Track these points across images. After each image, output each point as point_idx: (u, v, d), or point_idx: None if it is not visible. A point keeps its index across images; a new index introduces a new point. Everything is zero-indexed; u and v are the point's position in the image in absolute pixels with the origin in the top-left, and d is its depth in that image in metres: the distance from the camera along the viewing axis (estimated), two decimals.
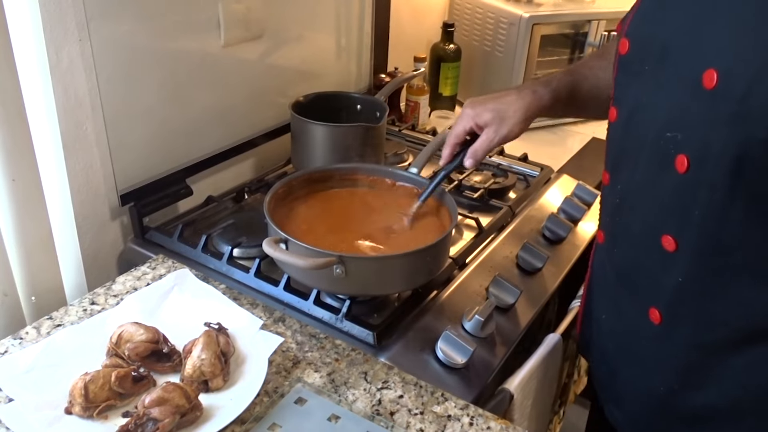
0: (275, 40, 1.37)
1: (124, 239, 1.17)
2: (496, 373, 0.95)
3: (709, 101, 0.68)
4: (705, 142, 0.69)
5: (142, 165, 1.16)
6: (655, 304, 0.80)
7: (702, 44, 0.69)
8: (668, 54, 0.73)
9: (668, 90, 0.73)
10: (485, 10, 1.82)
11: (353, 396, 0.83)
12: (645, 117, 0.77)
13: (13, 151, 0.95)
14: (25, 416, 0.74)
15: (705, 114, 0.69)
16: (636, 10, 0.82)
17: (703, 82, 0.67)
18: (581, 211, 1.31)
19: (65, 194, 1.05)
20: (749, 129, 0.65)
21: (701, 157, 0.69)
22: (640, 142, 0.76)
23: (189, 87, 1.21)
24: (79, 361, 0.82)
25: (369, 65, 1.70)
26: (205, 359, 0.80)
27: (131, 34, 1.08)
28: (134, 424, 0.73)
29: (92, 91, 1.03)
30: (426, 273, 0.98)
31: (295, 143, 1.32)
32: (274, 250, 0.87)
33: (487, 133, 0.98)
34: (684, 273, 0.75)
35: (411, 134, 1.60)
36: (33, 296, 1.04)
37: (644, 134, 0.76)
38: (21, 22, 0.93)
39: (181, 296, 0.95)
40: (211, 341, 0.82)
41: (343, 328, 0.95)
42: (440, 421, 0.81)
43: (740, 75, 0.65)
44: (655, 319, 0.80)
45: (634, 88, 0.80)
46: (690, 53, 0.70)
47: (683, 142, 0.71)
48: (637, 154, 0.78)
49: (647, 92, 0.77)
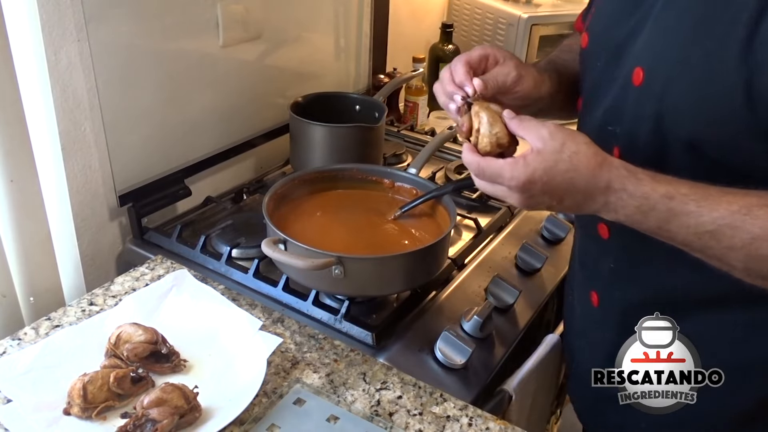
0: (274, 40, 1.37)
1: (123, 240, 1.17)
2: (494, 373, 0.95)
3: (637, 98, 0.72)
4: (632, 137, 0.73)
5: (140, 165, 1.16)
6: (594, 287, 0.86)
7: (636, 44, 0.73)
8: (619, 52, 0.76)
9: (611, 86, 0.77)
10: (484, 11, 1.82)
11: (352, 397, 0.83)
12: (594, 110, 0.80)
13: (12, 152, 0.95)
14: (23, 417, 0.74)
15: (633, 110, 0.73)
16: (596, 7, 0.85)
17: (632, 80, 0.72)
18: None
19: (64, 195, 1.05)
20: (669, 127, 0.69)
21: (630, 150, 0.73)
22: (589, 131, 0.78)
23: (188, 87, 1.21)
24: (78, 361, 0.82)
25: (368, 66, 1.70)
26: (498, 132, 0.73)
27: (130, 34, 1.08)
28: (133, 424, 0.73)
29: (91, 91, 1.03)
30: (425, 273, 0.98)
31: (294, 144, 1.32)
32: (273, 250, 0.88)
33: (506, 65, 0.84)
34: (615, 259, 0.81)
35: (410, 135, 1.60)
36: (31, 297, 1.03)
37: (591, 126, 0.80)
38: (19, 22, 0.93)
39: (180, 297, 0.95)
40: (493, 113, 0.74)
41: (341, 328, 0.95)
42: (439, 421, 0.81)
43: (660, 73, 0.70)
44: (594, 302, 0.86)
45: (588, 82, 0.84)
46: (628, 53, 0.74)
47: (620, 136, 0.75)
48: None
49: (596, 86, 0.81)
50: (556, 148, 0.68)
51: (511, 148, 0.74)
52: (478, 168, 0.71)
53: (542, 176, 0.68)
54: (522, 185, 0.68)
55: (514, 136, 0.73)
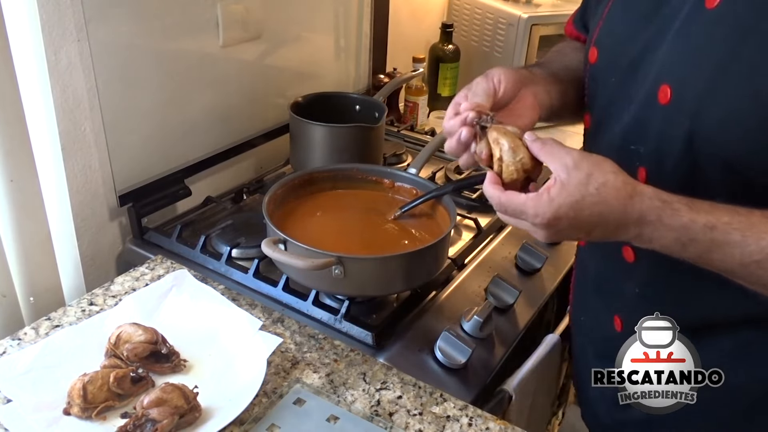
0: (274, 40, 1.37)
1: (123, 240, 1.17)
2: (495, 373, 0.95)
3: (665, 116, 0.68)
4: (660, 156, 0.70)
5: (140, 165, 1.16)
6: (618, 312, 0.82)
7: (659, 60, 0.70)
8: (635, 68, 0.73)
9: (631, 103, 0.73)
10: (484, 11, 1.82)
11: (352, 397, 0.83)
12: (611, 128, 0.77)
13: (12, 152, 0.95)
14: (23, 417, 0.74)
15: (660, 129, 0.69)
16: (604, 19, 0.80)
17: (658, 98, 0.68)
18: None
19: (64, 195, 1.05)
20: (703, 147, 0.65)
21: (657, 171, 0.70)
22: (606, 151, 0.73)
23: (187, 87, 1.21)
24: (78, 361, 0.82)
25: (368, 66, 1.70)
26: (522, 157, 0.69)
27: (130, 34, 1.08)
28: (133, 424, 0.73)
29: (91, 91, 1.03)
30: (425, 273, 0.98)
31: (294, 144, 1.32)
32: (273, 250, 0.87)
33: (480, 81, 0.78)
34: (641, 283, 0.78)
35: (410, 135, 1.60)
36: (31, 297, 1.03)
37: (609, 145, 0.76)
38: (19, 22, 0.93)
39: (180, 297, 0.95)
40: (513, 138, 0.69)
41: (341, 328, 0.95)
42: (439, 421, 0.81)
43: (691, 91, 0.66)
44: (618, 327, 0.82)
45: (602, 98, 0.79)
46: (650, 69, 0.71)
47: (645, 156, 0.71)
48: None
49: (614, 103, 0.76)
50: (582, 180, 0.63)
51: (537, 169, 0.70)
52: (499, 204, 0.68)
53: (568, 212, 0.63)
54: (548, 222, 0.64)
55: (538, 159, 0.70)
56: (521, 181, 0.69)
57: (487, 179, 0.69)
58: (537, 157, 0.68)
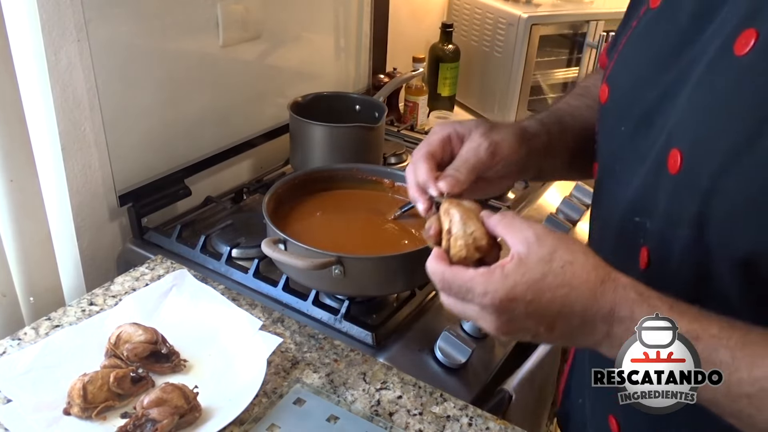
0: (274, 40, 1.37)
1: (123, 240, 1.17)
2: (495, 373, 0.95)
3: (673, 190, 0.54)
4: (667, 237, 0.55)
5: (140, 165, 1.16)
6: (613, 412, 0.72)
7: (669, 113, 0.56)
8: (649, 120, 0.59)
9: (638, 164, 0.59)
10: (484, 11, 1.82)
11: (352, 396, 0.83)
12: (613, 191, 0.64)
13: (12, 152, 0.95)
14: (23, 417, 0.74)
15: (668, 204, 0.55)
16: (618, 53, 0.67)
17: (668, 165, 0.54)
18: (580, 212, 1.31)
19: (63, 195, 1.05)
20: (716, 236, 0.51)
21: (662, 256, 0.56)
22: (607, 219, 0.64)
23: (187, 87, 1.21)
24: (78, 361, 0.82)
25: (368, 66, 1.70)
26: (475, 231, 0.59)
27: (130, 34, 1.08)
28: (133, 424, 0.73)
29: (91, 91, 1.03)
30: (425, 273, 0.97)
31: (294, 144, 1.32)
32: (273, 250, 0.88)
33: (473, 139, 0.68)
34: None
35: (410, 135, 1.60)
36: (31, 297, 1.03)
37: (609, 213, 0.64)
38: (19, 22, 0.93)
39: (180, 297, 0.95)
40: (466, 210, 0.61)
41: (341, 328, 0.95)
42: (439, 421, 0.81)
43: (704, 162, 0.51)
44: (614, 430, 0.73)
45: (607, 149, 0.67)
46: (660, 123, 0.57)
47: (650, 233, 0.58)
48: (603, 232, 0.66)
49: (618, 159, 0.64)
50: (544, 257, 0.52)
51: (493, 252, 0.59)
52: (442, 279, 0.56)
53: (525, 293, 0.51)
54: (499, 303, 0.52)
55: (495, 239, 0.59)
56: (473, 263, 0.58)
57: (431, 255, 0.59)
58: (493, 232, 0.58)
